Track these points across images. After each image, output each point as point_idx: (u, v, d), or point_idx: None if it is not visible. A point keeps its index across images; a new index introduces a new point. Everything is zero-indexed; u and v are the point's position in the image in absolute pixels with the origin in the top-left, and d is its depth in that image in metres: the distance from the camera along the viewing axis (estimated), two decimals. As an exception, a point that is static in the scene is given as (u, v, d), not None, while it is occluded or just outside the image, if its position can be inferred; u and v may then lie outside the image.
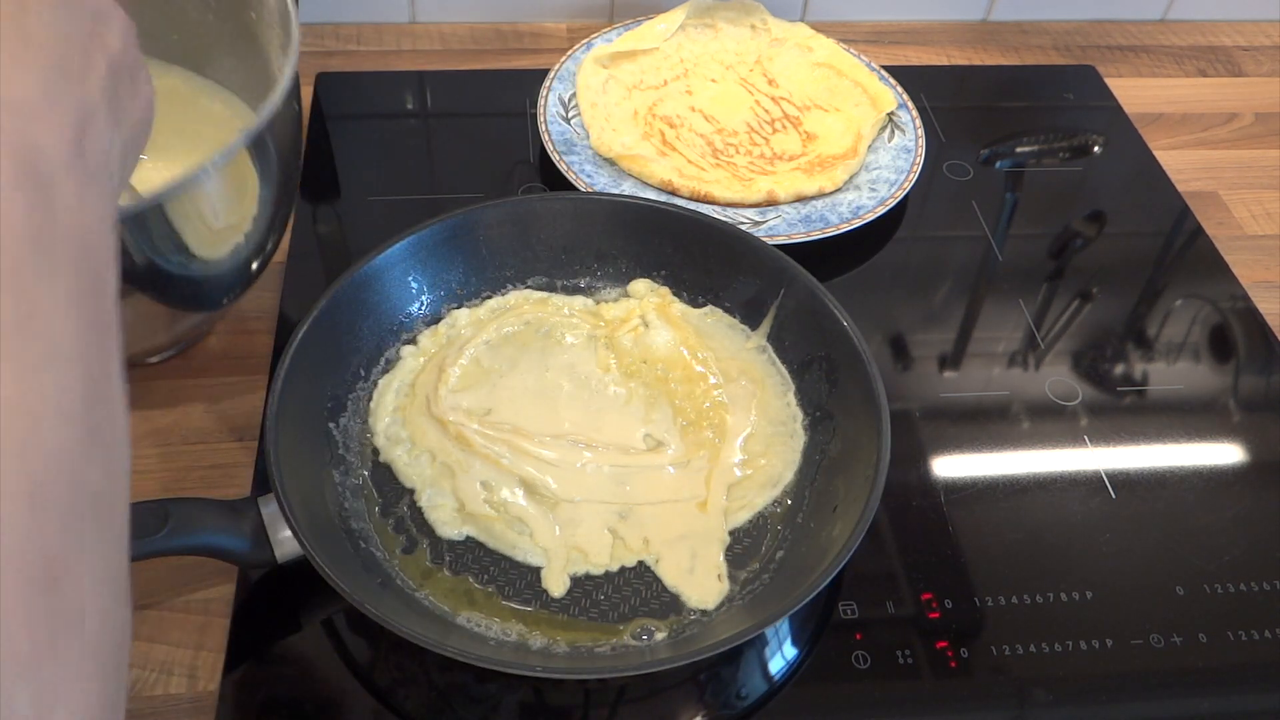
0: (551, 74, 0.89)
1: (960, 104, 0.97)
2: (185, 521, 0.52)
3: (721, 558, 0.59)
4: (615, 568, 0.58)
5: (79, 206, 0.31)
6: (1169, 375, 0.74)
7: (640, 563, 0.59)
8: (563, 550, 0.58)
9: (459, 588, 0.57)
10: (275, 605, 0.57)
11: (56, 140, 0.31)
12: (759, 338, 0.69)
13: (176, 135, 0.68)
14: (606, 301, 0.71)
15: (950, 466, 0.67)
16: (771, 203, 0.80)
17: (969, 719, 0.56)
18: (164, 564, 0.58)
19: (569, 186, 0.80)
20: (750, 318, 0.69)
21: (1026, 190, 0.88)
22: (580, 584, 0.58)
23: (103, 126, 0.34)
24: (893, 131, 0.87)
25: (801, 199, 0.80)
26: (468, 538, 0.59)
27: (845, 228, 0.77)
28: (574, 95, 0.88)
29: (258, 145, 0.55)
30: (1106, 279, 0.80)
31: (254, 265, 0.62)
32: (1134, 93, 0.98)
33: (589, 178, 0.80)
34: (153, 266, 0.54)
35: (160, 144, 0.67)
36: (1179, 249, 0.84)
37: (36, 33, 0.32)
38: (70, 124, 0.32)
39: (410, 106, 0.93)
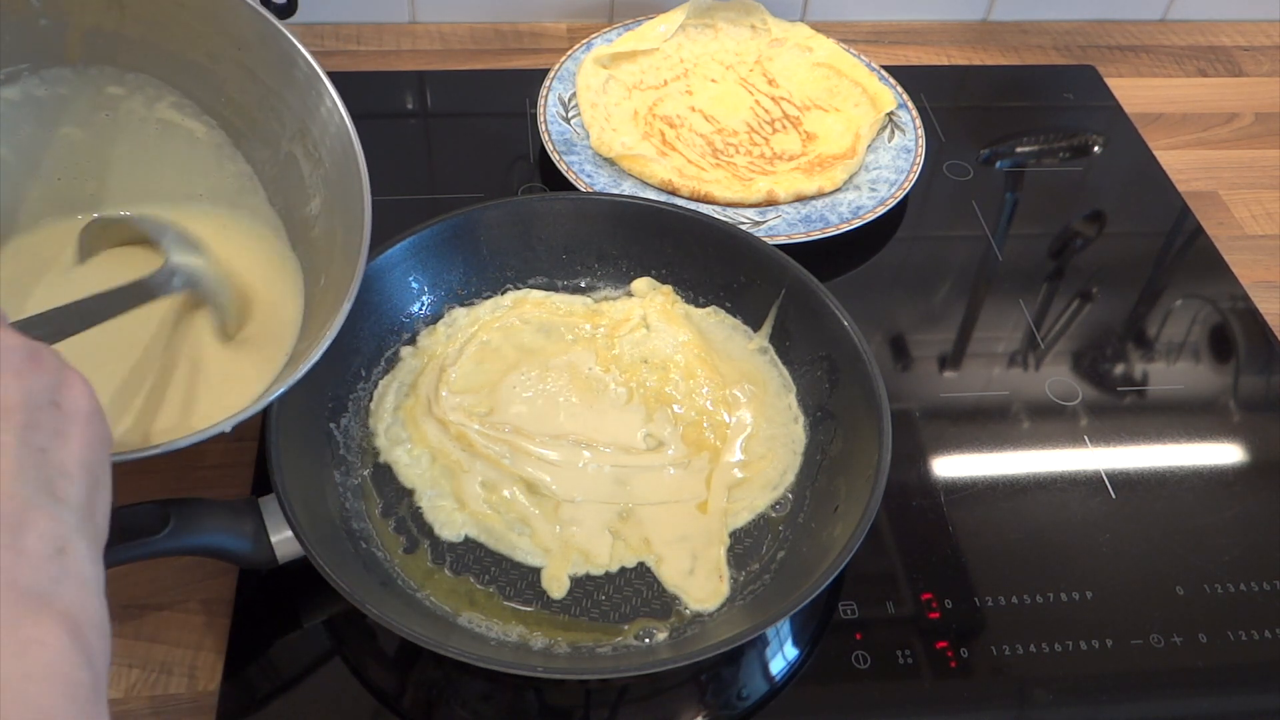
0: (551, 74, 0.89)
1: (960, 104, 0.97)
2: (186, 522, 0.52)
3: (722, 558, 0.59)
4: (615, 568, 0.58)
5: None
6: (1169, 375, 0.74)
7: (641, 563, 0.59)
8: (563, 551, 0.58)
9: (460, 588, 0.57)
10: (275, 605, 0.57)
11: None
12: (760, 338, 0.69)
13: (173, 177, 0.66)
14: (607, 301, 0.71)
15: (950, 466, 0.67)
16: (771, 203, 0.80)
17: (969, 719, 0.56)
18: (164, 564, 0.58)
19: (569, 186, 0.80)
20: (751, 318, 0.69)
21: (1026, 190, 0.88)
22: (581, 584, 0.58)
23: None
24: (893, 131, 0.87)
25: (801, 199, 0.80)
26: (468, 538, 0.59)
27: (845, 228, 0.77)
28: (574, 95, 0.88)
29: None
30: (1106, 279, 0.80)
31: None
32: (1134, 93, 0.98)
33: (589, 178, 0.80)
34: None
35: (153, 187, 0.65)
36: (1179, 249, 0.84)
37: None
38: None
39: (410, 106, 0.93)
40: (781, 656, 0.58)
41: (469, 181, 0.84)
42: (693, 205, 0.78)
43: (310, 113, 0.59)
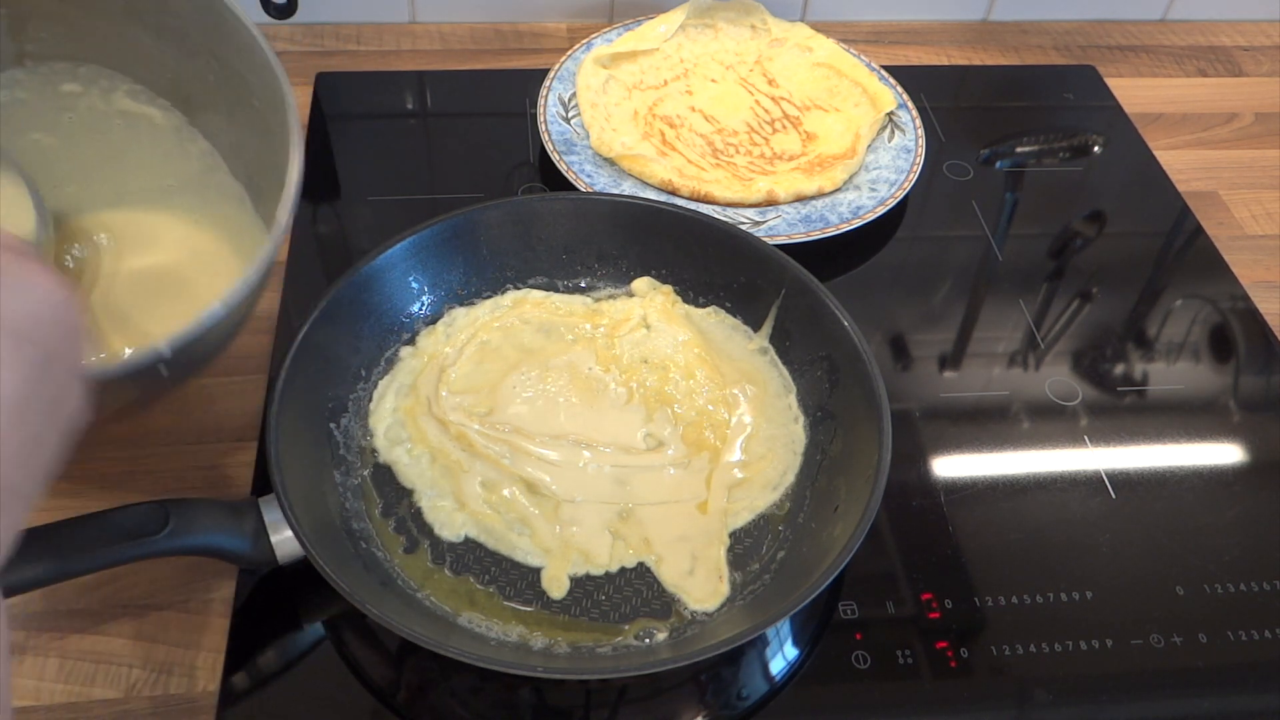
0: (551, 74, 0.89)
1: (960, 104, 0.97)
2: (186, 522, 0.52)
3: (722, 558, 0.59)
4: (615, 568, 0.58)
5: None
6: (1169, 375, 0.74)
7: (640, 563, 0.59)
8: (563, 551, 0.58)
9: (460, 588, 0.57)
10: (275, 605, 0.57)
11: None
12: (760, 339, 0.69)
13: (143, 171, 0.66)
14: (607, 300, 0.71)
15: (950, 466, 0.67)
16: (771, 203, 0.80)
17: (969, 719, 0.56)
18: (164, 564, 0.58)
19: (569, 186, 0.80)
20: (751, 318, 0.69)
21: (1026, 190, 0.88)
22: (581, 585, 0.58)
23: None
24: (893, 131, 0.87)
25: (801, 199, 0.80)
26: (468, 538, 0.59)
27: (845, 228, 0.77)
28: (574, 95, 0.88)
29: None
30: (1106, 279, 0.80)
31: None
32: (1134, 93, 0.98)
33: (589, 178, 0.80)
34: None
35: (127, 184, 0.65)
36: (1179, 249, 0.84)
37: None
38: None
39: (410, 106, 0.93)
40: (781, 656, 0.58)
41: (469, 181, 0.84)
42: (693, 205, 0.78)
43: (250, 70, 0.58)
